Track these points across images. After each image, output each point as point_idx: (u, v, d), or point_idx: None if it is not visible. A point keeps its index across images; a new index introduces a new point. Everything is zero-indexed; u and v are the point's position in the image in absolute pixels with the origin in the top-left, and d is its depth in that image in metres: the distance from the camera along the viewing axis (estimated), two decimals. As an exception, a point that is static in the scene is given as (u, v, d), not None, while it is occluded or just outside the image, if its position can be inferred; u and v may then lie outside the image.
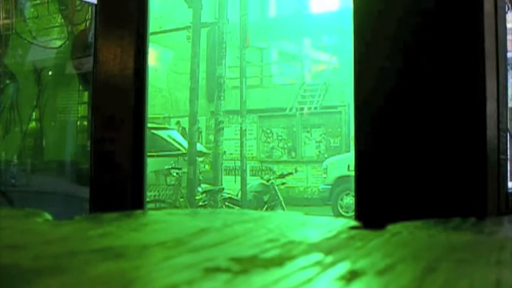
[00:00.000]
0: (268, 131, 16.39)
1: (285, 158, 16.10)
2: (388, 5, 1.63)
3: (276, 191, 11.29)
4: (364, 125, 1.64)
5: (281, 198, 11.21)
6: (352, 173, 1.71)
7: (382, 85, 1.63)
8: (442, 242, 0.96)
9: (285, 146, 16.18)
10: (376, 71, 1.64)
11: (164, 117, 15.91)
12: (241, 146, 12.63)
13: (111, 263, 0.69)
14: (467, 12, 1.53)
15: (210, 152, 13.30)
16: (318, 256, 0.77)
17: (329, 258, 0.75)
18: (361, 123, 1.65)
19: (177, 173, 11.50)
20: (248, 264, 0.70)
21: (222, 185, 11.88)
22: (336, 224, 1.07)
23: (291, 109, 16.12)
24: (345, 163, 12.17)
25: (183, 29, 13.99)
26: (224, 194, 11.53)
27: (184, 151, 12.51)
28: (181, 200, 11.30)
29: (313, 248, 0.83)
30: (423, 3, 1.59)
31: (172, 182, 11.48)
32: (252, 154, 15.53)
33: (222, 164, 12.26)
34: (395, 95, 1.60)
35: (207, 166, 13.91)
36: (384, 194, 1.59)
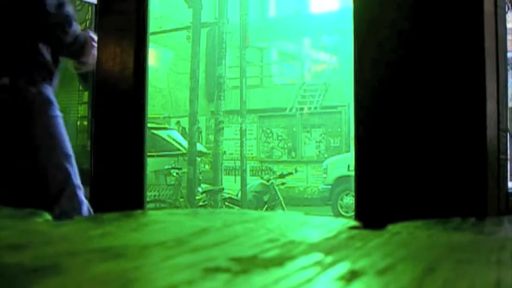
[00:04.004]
0: (268, 131, 16.39)
1: (285, 158, 16.09)
2: (387, 6, 1.63)
3: (276, 191, 11.28)
4: (364, 125, 1.64)
5: (281, 198, 11.20)
6: (352, 173, 1.71)
7: (382, 85, 1.63)
8: (442, 242, 0.96)
9: (285, 146, 16.17)
10: (376, 71, 1.64)
11: (164, 117, 15.90)
12: (241, 146, 12.62)
13: (111, 263, 0.69)
14: (467, 12, 1.53)
15: (210, 152, 13.30)
16: (318, 256, 0.77)
17: (329, 258, 0.75)
18: (361, 123, 1.65)
19: (177, 173, 11.50)
20: (248, 264, 0.70)
21: (222, 185, 11.88)
22: (336, 224, 1.07)
23: (291, 109, 16.11)
24: (345, 163, 12.16)
25: (183, 29, 13.98)
26: (224, 194, 11.52)
27: (184, 151, 12.50)
28: (181, 200, 11.29)
29: (313, 248, 0.83)
30: (423, 4, 1.59)
31: (172, 182, 11.47)
32: (252, 154, 15.52)
33: (222, 164, 12.25)
34: (395, 95, 1.60)
35: (207, 166, 13.90)
36: (384, 194, 1.59)
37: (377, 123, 1.62)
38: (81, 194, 2.20)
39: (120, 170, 2.26)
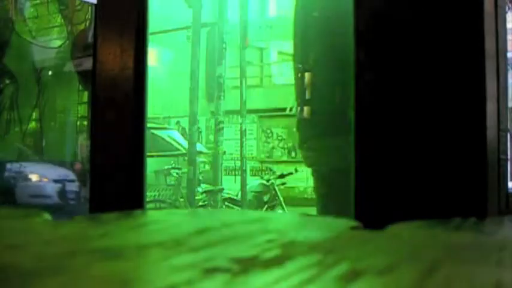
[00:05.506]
0: (268, 131, 16.39)
1: (285, 158, 16.09)
2: (388, 6, 1.63)
3: (276, 191, 11.26)
4: (363, 125, 1.64)
5: (281, 199, 11.19)
6: (352, 173, 1.70)
7: (382, 86, 1.63)
8: (442, 242, 0.96)
9: (285, 146, 16.17)
10: (376, 71, 1.64)
11: (164, 117, 15.90)
12: (241, 146, 12.62)
13: (111, 263, 0.69)
14: (467, 12, 1.53)
15: (210, 152, 13.29)
16: (318, 256, 0.76)
17: (329, 258, 0.75)
18: (361, 123, 1.65)
19: (177, 173, 11.49)
20: (248, 264, 0.70)
21: (222, 185, 11.87)
22: (336, 224, 1.07)
23: (291, 109, 16.09)
24: (345, 163, 12.13)
25: (183, 29, 13.97)
26: (224, 194, 11.51)
27: (184, 151, 12.50)
28: (181, 200, 11.29)
29: (313, 248, 0.83)
30: (423, 4, 1.59)
31: (172, 182, 11.46)
32: (252, 154, 15.51)
33: (222, 164, 12.24)
34: (395, 96, 1.60)
35: (207, 166, 13.89)
36: (383, 194, 1.59)
37: (377, 123, 1.62)
38: None
39: (120, 170, 2.26)
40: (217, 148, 11.97)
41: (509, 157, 1.72)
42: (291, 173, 12.84)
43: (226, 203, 11.24)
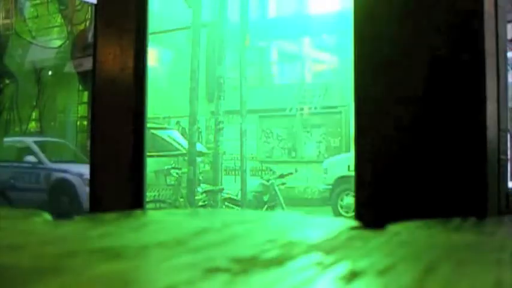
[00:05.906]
0: (268, 131, 16.39)
1: (285, 158, 16.09)
2: (388, 6, 1.63)
3: (276, 191, 11.27)
4: (364, 125, 1.64)
5: (281, 199, 11.19)
6: (352, 173, 1.71)
7: (382, 85, 1.63)
8: (442, 242, 0.96)
9: (285, 146, 16.18)
10: (376, 71, 1.64)
11: (164, 117, 15.90)
12: (241, 146, 12.62)
13: (111, 263, 0.69)
14: (467, 12, 1.53)
15: (210, 152, 13.30)
16: (318, 256, 0.77)
17: (329, 258, 0.75)
18: (361, 124, 1.65)
19: (177, 173, 11.50)
20: (248, 264, 0.70)
21: (222, 185, 11.87)
22: (336, 224, 1.07)
23: (291, 109, 16.10)
24: (345, 163, 12.15)
25: (183, 29, 13.98)
26: (224, 194, 11.51)
27: (184, 151, 12.51)
28: (181, 200, 11.29)
29: (313, 248, 0.83)
30: (423, 4, 1.59)
31: (172, 182, 11.47)
32: (252, 154, 15.51)
33: (222, 164, 12.25)
34: (395, 95, 1.60)
35: (207, 166, 13.90)
36: (384, 193, 1.59)
37: (377, 123, 1.62)
38: None
39: (120, 170, 2.26)
40: (217, 148, 11.98)
41: (509, 157, 1.72)
42: (291, 173, 12.85)
43: (226, 203, 11.24)
